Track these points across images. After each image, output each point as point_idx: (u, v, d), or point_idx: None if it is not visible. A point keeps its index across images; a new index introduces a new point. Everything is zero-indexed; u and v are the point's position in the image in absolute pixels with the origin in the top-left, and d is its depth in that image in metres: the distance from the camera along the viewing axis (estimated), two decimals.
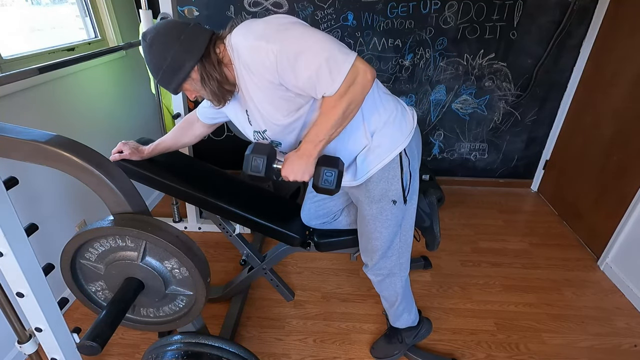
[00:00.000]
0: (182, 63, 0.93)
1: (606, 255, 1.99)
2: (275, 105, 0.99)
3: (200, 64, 0.95)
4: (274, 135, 1.09)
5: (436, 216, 1.59)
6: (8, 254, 0.94)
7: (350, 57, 0.87)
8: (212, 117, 1.28)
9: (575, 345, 1.60)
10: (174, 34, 0.93)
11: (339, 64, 0.87)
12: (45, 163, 0.84)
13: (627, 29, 2.00)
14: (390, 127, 1.10)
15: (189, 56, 0.93)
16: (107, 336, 0.81)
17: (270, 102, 0.98)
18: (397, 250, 1.29)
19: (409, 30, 2.32)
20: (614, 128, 2.05)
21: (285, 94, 0.95)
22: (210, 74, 0.96)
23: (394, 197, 1.15)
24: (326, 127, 0.94)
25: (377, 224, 1.21)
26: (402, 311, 1.42)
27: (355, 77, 0.88)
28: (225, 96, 1.02)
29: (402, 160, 1.12)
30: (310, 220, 1.48)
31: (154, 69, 0.96)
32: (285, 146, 1.12)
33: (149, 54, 0.95)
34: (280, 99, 0.97)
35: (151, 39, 0.94)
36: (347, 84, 0.88)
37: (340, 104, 0.90)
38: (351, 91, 0.89)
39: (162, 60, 0.94)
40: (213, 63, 0.95)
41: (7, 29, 1.65)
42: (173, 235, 0.87)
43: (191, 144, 1.41)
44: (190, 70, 0.95)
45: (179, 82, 0.97)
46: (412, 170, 1.17)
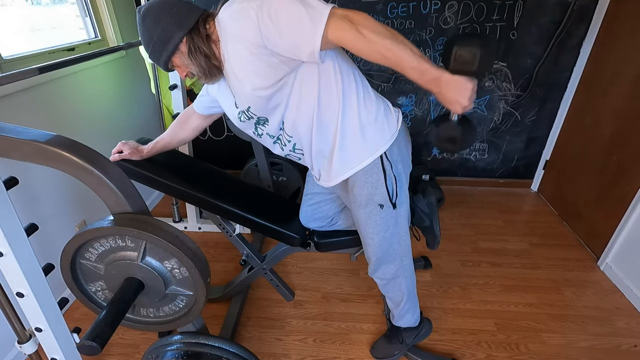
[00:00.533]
0: (171, 35, 0.96)
1: (606, 255, 1.99)
2: (258, 73, 0.96)
3: (189, 36, 0.97)
4: (259, 111, 1.07)
5: (436, 216, 1.59)
6: (8, 254, 0.94)
7: (328, 6, 0.85)
8: (207, 106, 1.28)
9: (575, 345, 1.60)
10: (166, 8, 0.97)
11: (318, 11, 0.84)
12: (45, 163, 0.84)
13: (627, 29, 2.00)
14: (370, 128, 1.07)
15: (178, 28, 0.96)
16: (107, 336, 0.81)
17: (253, 70, 0.96)
18: (399, 255, 1.28)
19: (409, 30, 2.32)
20: (614, 128, 2.05)
21: (269, 59, 0.92)
22: (198, 47, 0.97)
23: (380, 201, 1.14)
24: (398, 52, 0.85)
25: (368, 229, 1.21)
26: (406, 311, 1.42)
27: (346, 16, 0.84)
28: (212, 71, 1.02)
29: (384, 164, 1.10)
30: (308, 222, 1.48)
31: (146, 41, 0.99)
32: (273, 124, 1.10)
33: (141, 26, 0.99)
34: (264, 65, 0.94)
35: (144, 11, 0.98)
36: (346, 23, 0.83)
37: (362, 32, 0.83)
38: (358, 21, 0.84)
39: (153, 32, 0.97)
40: (201, 37, 0.97)
41: (7, 29, 1.65)
42: (173, 235, 0.87)
43: (189, 139, 1.41)
44: (179, 42, 0.97)
45: (168, 55, 0.99)
46: (396, 174, 1.14)
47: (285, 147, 1.16)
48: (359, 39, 0.84)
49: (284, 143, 1.15)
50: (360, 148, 1.08)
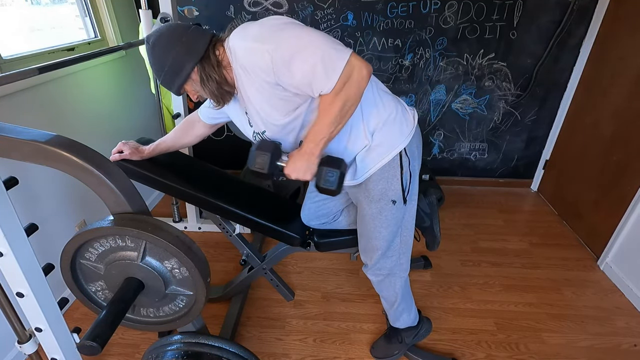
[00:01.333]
0: (182, 65, 0.96)
1: (606, 255, 1.99)
2: (272, 106, 0.99)
3: (200, 65, 0.97)
4: (273, 136, 1.09)
5: (436, 216, 1.59)
6: (8, 254, 0.94)
7: (344, 54, 0.88)
8: (213, 117, 1.28)
9: (575, 345, 1.60)
10: (175, 37, 0.96)
11: (334, 61, 0.87)
12: (45, 163, 0.84)
13: (627, 29, 2.00)
14: (390, 126, 1.10)
15: (188, 58, 0.96)
16: (107, 336, 0.81)
17: (267, 103, 0.99)
18: (398, 251, 1.29)
19: (409, 30, 2.32)
20: (614, 128, 2.05)
21: (282, 93, 0.96)
22: (209, 75, 0.98)
23: (394, 197, 1.15)
24: (325, 125, 0.94)
25: (377, 223, 1.21)
26: (401, 311, 1.42)
27: (350, 74, 0.89)
28: (224, 97, 1.04)
29: (402, 160, 1.12)
30: (310, 220, 1.48)
31: (157, 70, 1.00)
32: (286, 146, 1.12)
33: (151, 56, 0.99)
34: (278, 99, 0.97)
35: (153, 41, 0.97)
36: (342, 81, 0.89)
37: (337, 101, 0.91)
38: (347, 88, 0.90)
39: (164, 62, 0.97)
40: (212, 65, 0.98)
41: (7, 29, 1.65)
42: (173, 235, 0.87)
43: (192, 144, 1.41)
44: (191, 72, 0.98)
45: (180, 83, 1.00)
46: (412, 170, 1.16)
47: None
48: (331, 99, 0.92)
49: None
50: (383, 145, 1.10)
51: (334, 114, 0.93)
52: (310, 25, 2.50)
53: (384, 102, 1.10)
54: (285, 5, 2.30)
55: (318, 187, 1.02)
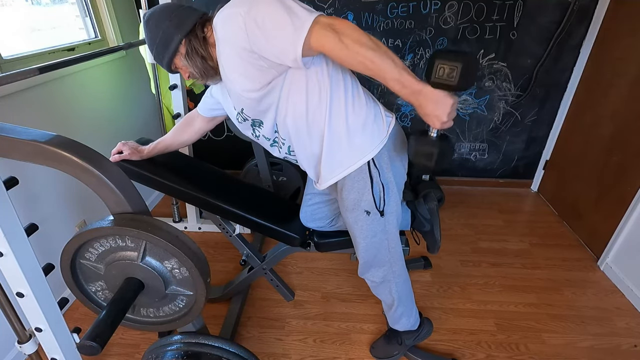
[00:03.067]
0: (171, 37, 1.01)
1: (606, 255, 1.99)
2: (247, 75, 0.97)
3: (187, 39, 1.02)
4: (251, 113, 1.09)
5: (437, 221, 1.59)
6: (8, 254, 0.94)
7: (312, 14, 0.85)
8: (210, 108, 1.29)
9: (575, 345, 1.60)
10: (166, 13, 1.03)
11: (302, 19, 0.85)
12: (45, 163, 0.84)
13: (627, 29, 2.00)
14: (357, 134, 1.07)
15: (177, 31, 1.01)
16: (107, 336, 0.81)
17: (243, 73, 0.98)
18: (388, 261, 1.28)
19: (409, 30, 2.32)
20: (614, 128, 2.05)
21: (257, 62, 0.93)
22: (195, 49, 1.02)
23: (366, 207, 1.15)
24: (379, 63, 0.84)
25: (355, 232, 1.22)
26: (400, 315, 1.42)
27: (329, 24, 0.84)
28: (209, 71, 1.06)
29: (371, 171, 1.10)
30: (308, 222, 1.49)
31: (150, 44, 1.05)
32: (267, 126, 1.11)
33: (145, 30, 1.05)
34: (253, 68, 0.95)
35: (148, 16, 1.04)
36: (329, 31, 0.83)
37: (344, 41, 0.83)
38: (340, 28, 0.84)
39: (155, 36, 1.03)
40: (199, 39, 1.02)
41: (7, 29, 1.65)
42: (173, 235, 0.87)
43: (191, 141, 1.41)
44: (179, 44, 1.02)
45: (169, 56, 1.04)
46: (384, 182, 1.13)
47: (282, 150, 1.17)
48: (341, 48, 0.85)
49: (280, 145, 1.16)
50: (348, 153, 1.08)
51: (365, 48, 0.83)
52: None
53: (355, 107, 1.06)
54: None
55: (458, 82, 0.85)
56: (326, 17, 0.86)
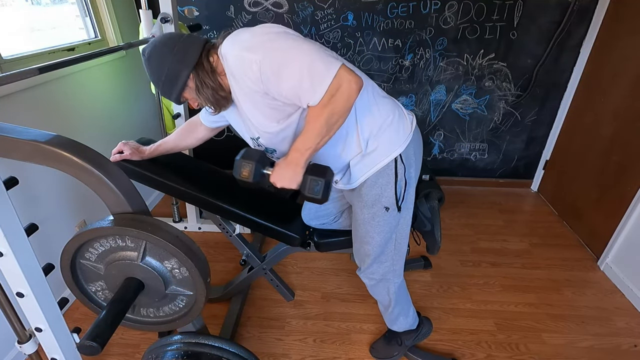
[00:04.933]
0: (177, 73, 0.98)
1: (606, 255, 1.99)
2: (263, 114, 1.00)
3: (195, 73, 0.98)
4: (267, 143, 1.10)
5: (437, 221, 1.59)
6: (8, 254, 0.94)
7: (333, 66, 0.87)
8: (214, 120, 1.29)
9: (575, 345, 1.60)
10: (168, 47, 0.98)
11: (322, 74, 0.87)
12: (45, 163, 0.84)
13: (627, 29, 2.00)
14: (386, 132, 1.08)
15: (183, 66, 0.97)
16: (107, 336, 0.81)
17: (258, 110, 0.99)
18: (391, 257, 1.28)
19: (409, 30, 2.32)
20: (614, 128, 2.05)
21: (272, 102, 0.96)
22: (204, 82, 0.99)
23: (387, 203, 1.15)
24: (312, 135, 0.94)
25: (369, 228, 1.21)
26: (397, 315, 1.42)
27: (338, 87, 0.88)
28: (221, 103, 1.04)
29: (397, 166, 1.11)
30: (311, 220, 1.48)
31: (155, 81, 1.01)
32: (280, 154, 1.12)
33: (148, 67, 1.00)
34: (268, 108, 0.97)
35: (149, 53, 0.99)
36: (330, 94, 0.88)
37: (323, 113, 0.90)
38: (334, 101, 0.89)
39: (160, 73, 0.99)
40: (206, 71, 0.99)
41: (7, 29, 1.65)
42: (173, 235, 0.87)
43: (193, 146, 1.41)
44: (187, 80, 0.99)
45: (178, 92, 1.01)
46: (407, 178, 1.15)
47: None
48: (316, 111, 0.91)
49: None
50: (378, 150, 1.09)
51: (319, 126, 0.92)
52: (311, 25, 2.50)
53: (380, 107, 1.08)
54: (285, 5, 2.30)
55: (303, 195, 1.02)
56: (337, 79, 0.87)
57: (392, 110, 1.10)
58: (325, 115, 0.90)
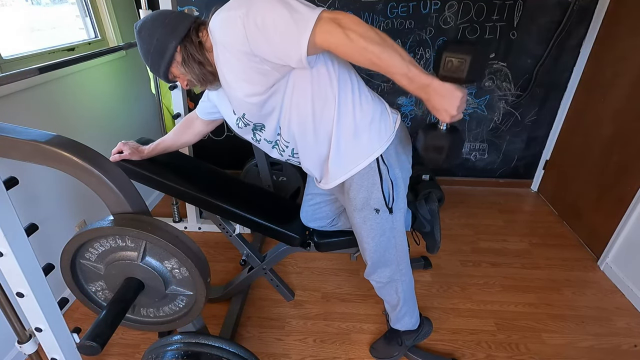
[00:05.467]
0: (165, 45, 0.98)
1: (606, 255, 1.99)
2: (249, 80, 0.96)
3: (182, 45, 0.99)
4: (253, 118, 1.07)
5: (437, 222, 1.58)
6: (8, 254, 0.94)
7: (315, 10, 0.83)
8: (209, 111, 1.29)
9: (575, 345, 1.60)
10: (159, 20, 1.00)
11: (306, 16, 0.82)
12: (45, 163, 0.84)
13: (627, 29, 2.00)
14: (366, 131, 1.06)
15: (171, 38, 0.98)
16: (107, 336, 0.81)
17: (244, 78, 0.96)
18: (395, 260, 1.28)
19: (409, 30, 2.32)
20: (614, 128, 2.05)
21: (259, 66, 0.91)
22: (191, 55, 0.99)
23: (376, 205, 1.14)
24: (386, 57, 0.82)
25: (363, 233, 1.20)
26: (404, 314, 1.42)
27: (334, 19, 0.81)
28: (207, 78, 1.03)
29: (380, 167, 1.10)
30: (309, 222, 1.49)
31: (144, 54, 1.02)
32: (269, 130, 1.10)
33: (138, 40, 1.02)
34: (254, 72, 0.93)
35: (140, 26, 1.01)
36: (334, 27, 0.81)
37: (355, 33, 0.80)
38: (346, 24, 0.81)
39: (149, 45, 1.00)
40: (194, 45, 0.99)
41: (7, 29, 1.65)
42: (173, 235, 0.87)
43: (191, 143, 1.41)
44: (174, 52, 0.99)
45: (166, 65, 1.01)
46: (393, 178, 1.13)
47: (284, 153, 1.16)
48: (346, 44, 0.82)
49: (282, 148, 1.15)
50: (356, 151, 1.08)
51: (372, 42, 0.80)
52: None
53: (362, 105, 1.06)
54: None
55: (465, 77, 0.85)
56: (329, 12, 0.83)
57: (374, 110, 1.08)
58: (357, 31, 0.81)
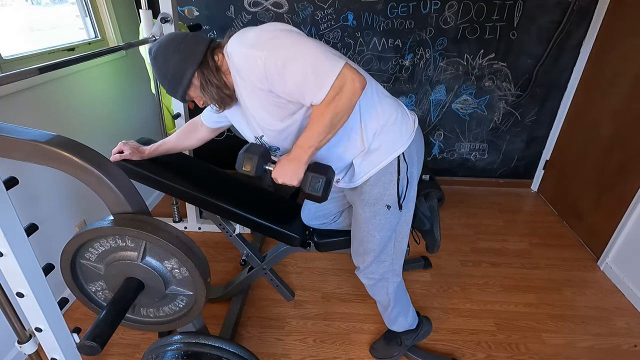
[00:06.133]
0: (183, 71, 0.99)
1: (606, 255, 1.99)
2: (267, 111, 1.00)
3: (199, 71, 0.99)
4: (270, 141, 1.10)
5: (437, 220, 1.58)
6: (8, 254, 0.94)
7: (337, 65, 0.88)
8: (216, 121, 1.29)
9: (575, 345, 1.60)
10: (174, 45, 0.99)
11: (326, 72, 0.87)
12: (45, 163, 0.84)
13: (627, 29, 2.00)
14: (389, 130, 1.09)
15: (188, 65, 0.98)
16: (107, 336, 0.81)
17: (262, 108, 1.00)
18: (391, 256, 1.28)
19: (409, 30, 2.32)
20: (613, 128, 2.05)
21: (276, 100, 0.96)
22: (209, 80, 1.00)
23: (389, 202, 1.15)
24: (315, 133, 0.95)
25: (370, 227, 1.21)
26: (396, 315, 1.42)
27: (342, 86, 0.89)
28: (225, 101, 1.05)
29: (400, 165, 1.11)
30: (310, 220, 1.48)
31: (161, 79, 1.02)
32: (284, 151, 1.12)
33: (154, 66, 1.02)
34: (272, 105, 0.98)
35: (155, 52, 1.01)
36: (334, 92, 0.89)
37: (327, 112, 0.91)
38: (338, 100, 0.90)
39: (166, 71, 1.00)
40: (211, 70, 1.00)
41: (7, 29, 1.65)
42: (173, 235, 0.87)
43: (193, 147, 1.41)
44: (192, 78, 1.00)
45: (183, 90, 1.02)
46: (409, 176, 1.15)
47: None
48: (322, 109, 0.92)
49: None
50: (381, 150, 1.10)
51: (323, 124, 0.93)
52: (311, 25, 2.50)
53: (384, 106, 1.09)
54: (285, 5, 2.30)
55: (304, 192, 1.03)
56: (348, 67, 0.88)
57: (395, 110, 1.11)
58: (329, 113, 0.91)
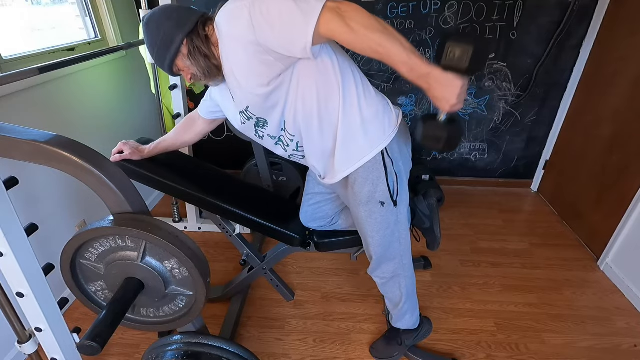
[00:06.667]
0: (172, 38, 1.00)
1: (606, 255, 1.99)
2: (254, 71, 0.96)
3: (189, 38, 1.00)
4: (257, 111, 1.07)
5: (437, 217, 1.59)
6: (8, 254, 0.94)
7: (320, 2, 0.84)
8: (211, 110, 1.29)
9: (575, 345, 1.60)
10: (166, 13, 1.02)
11: (311, 7, 0.83)
12: (45, 163, 0.84)
13: (627, 29, 2.00)
14: (371, 125, 1.08)
15: (178, 31, 1.00)
16: (107, 336, 0.81)
17: (249, 68, 0.97)
18: (399, 254, 1.28)
19: (409, 30, 2.32)
20: (614, 128, 2.05)
21: (264, 56, 0.92)
22: (197, 47, 1.00)
23: (381, 198, 1.15)
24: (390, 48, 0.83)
25: (368, 227, 1.21)
26: (405, 312, 1.42)
27: (337, 9, 0.83)
28: (212, 71, 1.04)
29: (385, 160, 1.11)
30: (308, 222, 1.49)
31: (150, 46, 1.03)
32: (272, 125, 1.10)
33: (146, 32, 1.03)
34: (260, 63, 0.94)
35: (148, 18, 1.03)
36: (336, 21, 0.82)
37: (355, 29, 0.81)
38: (348, 19, 0.82)
39: (156, 37, 1.01)
40: (201, 38, 1.01)
41: (7, 29, 1.65)
42: (173, 235, 0.87)
43: (192, 142, 1.42)
44: (180, 45, 1.00)
45: (171, 58, 1.02)
46: (397, 171, 1.15)
47: (288, 148, 1.16)
48: (348, 32, 0.83)
49: (287, 143, 1.15)
50: (362, 144, 1.09)
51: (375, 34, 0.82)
52: None
53: (367, 99, 1.07)
54: None
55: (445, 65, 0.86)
56: (333, 2, 0.84)
57: (379, 104, 1.10)
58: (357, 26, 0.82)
